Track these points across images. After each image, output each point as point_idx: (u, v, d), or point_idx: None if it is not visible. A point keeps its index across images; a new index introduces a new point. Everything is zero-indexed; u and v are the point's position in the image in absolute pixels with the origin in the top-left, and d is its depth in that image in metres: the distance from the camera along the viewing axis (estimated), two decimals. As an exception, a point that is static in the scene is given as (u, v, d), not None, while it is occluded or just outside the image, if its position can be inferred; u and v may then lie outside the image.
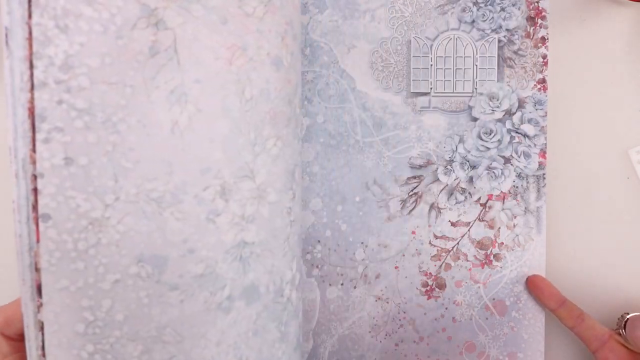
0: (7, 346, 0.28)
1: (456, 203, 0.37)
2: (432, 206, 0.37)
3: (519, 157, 0.37)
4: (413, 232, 0.37)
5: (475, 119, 0.37)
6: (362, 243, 0.37)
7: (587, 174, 0.39)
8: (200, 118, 0.25)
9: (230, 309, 0.27)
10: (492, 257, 0.37)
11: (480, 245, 0.37)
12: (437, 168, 0.37)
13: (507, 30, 0.37)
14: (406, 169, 0.37)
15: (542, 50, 0.37)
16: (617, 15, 0.39)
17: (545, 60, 0.37)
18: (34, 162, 0.22)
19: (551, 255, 0.39)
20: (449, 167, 0.37)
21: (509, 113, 0.37)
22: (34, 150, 0.22)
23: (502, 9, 0.37)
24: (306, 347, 0.37)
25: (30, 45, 0.22)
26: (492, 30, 0.37)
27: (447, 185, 0.37)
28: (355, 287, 0.37)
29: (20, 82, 0.22)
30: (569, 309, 0.36)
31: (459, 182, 0.37)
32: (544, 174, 0.37)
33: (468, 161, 0.37)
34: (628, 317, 0.36)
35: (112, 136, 0.23)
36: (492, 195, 0.37)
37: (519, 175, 0.37)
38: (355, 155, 0.37)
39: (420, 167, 0.37)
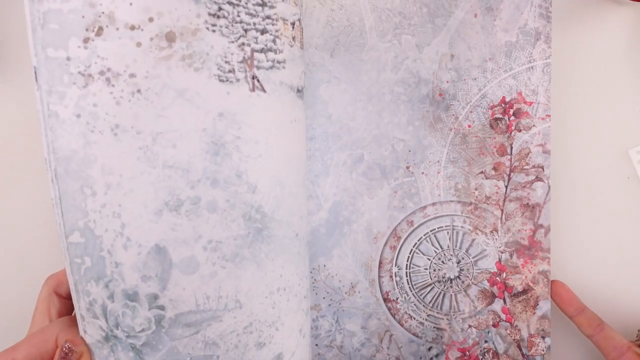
0: (60, 303, 0.33)
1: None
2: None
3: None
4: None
5: None
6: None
7: (587, 174, 0.39)
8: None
9: None
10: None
11: None
12: None
13: None
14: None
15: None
16: (617, 15, 0.39)
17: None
18: None
19: (552, 257, 0.39)
20: None
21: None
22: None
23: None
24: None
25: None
26: None
27: None
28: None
29: (48, 110, 0.27)
30: (589, 317, 0.36)
31: None
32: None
33: None
34: None
35: None
36: None
37: None
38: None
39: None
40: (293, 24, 0.31)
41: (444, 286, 0.38)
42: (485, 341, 0.37)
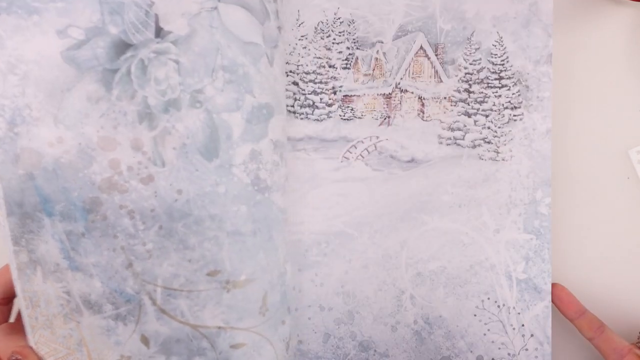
0: None
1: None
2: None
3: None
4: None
5: None
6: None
7: (587, 174, 0.39)
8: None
9: None
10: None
11: None
12: None
13: None
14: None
15: None
16: (617, 15, 0.39)
17: None
18: None
19: (552, 258, 0.38)
20: None
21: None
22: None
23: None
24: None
25: None
26: None
27: None
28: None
29: None
30: (589, 319, 0.36)
31: None
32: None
33: None
34: None
35: None
36: None
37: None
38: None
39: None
40: None
41: None
42: None
